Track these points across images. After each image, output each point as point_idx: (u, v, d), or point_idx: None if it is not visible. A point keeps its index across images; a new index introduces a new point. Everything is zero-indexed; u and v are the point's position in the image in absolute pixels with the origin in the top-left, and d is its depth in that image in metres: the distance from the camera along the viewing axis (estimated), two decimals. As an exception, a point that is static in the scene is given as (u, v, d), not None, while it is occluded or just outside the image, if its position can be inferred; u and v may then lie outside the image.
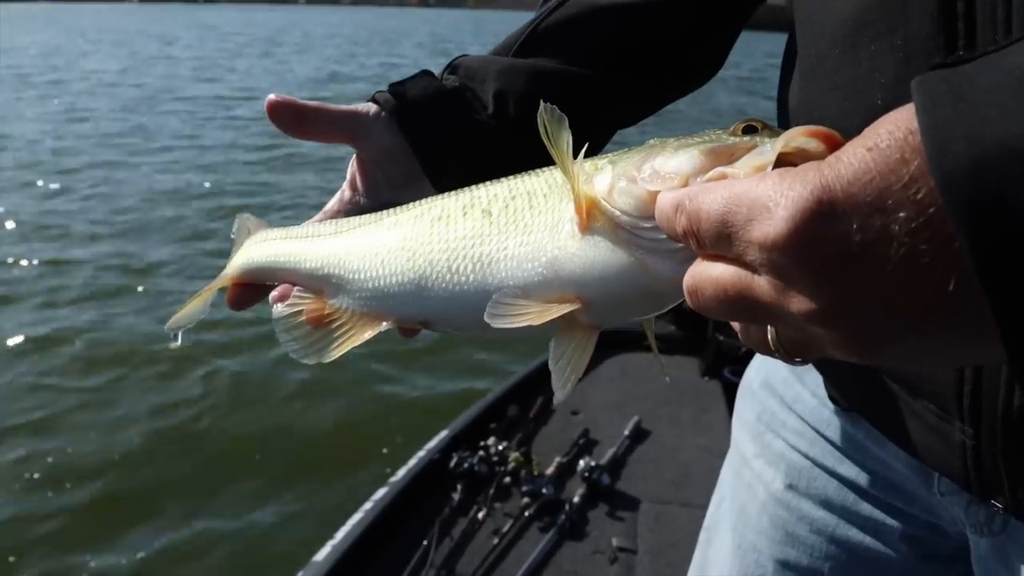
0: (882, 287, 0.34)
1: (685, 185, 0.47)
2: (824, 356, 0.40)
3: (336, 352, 0.65)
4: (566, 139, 0.54)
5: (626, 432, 3.21)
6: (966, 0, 0.51)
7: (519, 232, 0.57)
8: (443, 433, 3.10)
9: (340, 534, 2.54)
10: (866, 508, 0.89)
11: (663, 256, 0.50)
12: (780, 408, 0.99)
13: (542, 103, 0.54)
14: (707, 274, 0.42)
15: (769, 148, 0.43)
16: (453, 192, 0.65)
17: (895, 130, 0.34)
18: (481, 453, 2.95)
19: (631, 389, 3.61)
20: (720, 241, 0.40)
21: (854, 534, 0.91)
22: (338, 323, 0.67)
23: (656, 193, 0.48)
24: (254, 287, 0.78)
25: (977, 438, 0.63)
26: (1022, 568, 0.70)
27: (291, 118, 0.76)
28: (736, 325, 0.47)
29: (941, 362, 0.37)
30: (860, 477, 0.89)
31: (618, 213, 0.51)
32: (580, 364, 0.55)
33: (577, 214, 0.54)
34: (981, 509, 0.74)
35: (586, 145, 0.55)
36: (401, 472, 2.87)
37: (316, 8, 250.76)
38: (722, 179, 0.44)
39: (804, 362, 0.45)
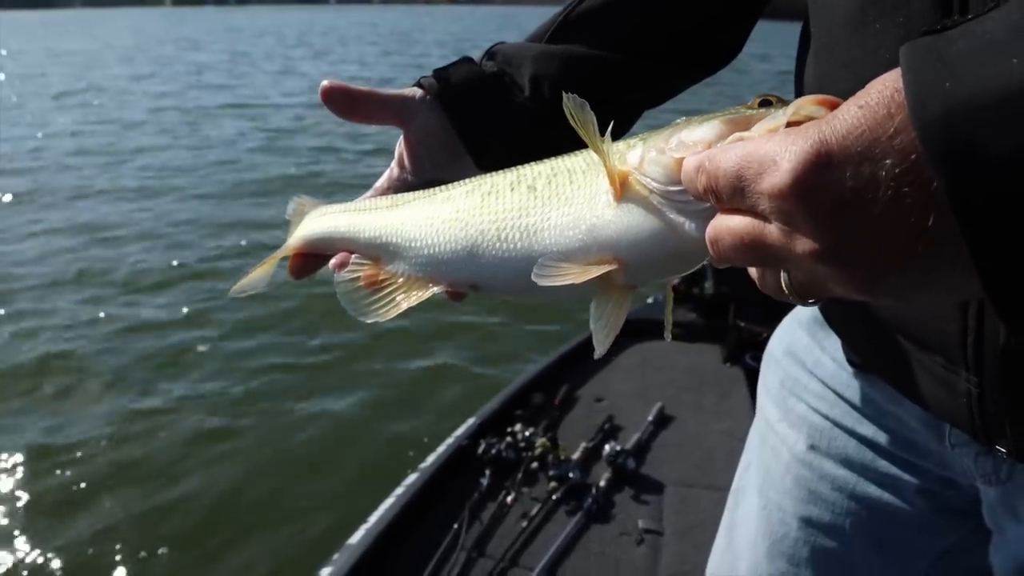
0: (873, 226, 0.39)
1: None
2: (831, 295, 0.45)
3: (392, 312, 0.72)
4: (592, 121, 0.59)
5: (650, 418, 3.26)
6: None
7: (561, 204, 0.63)
8: (471, 420, 3.16)
9: (373, 518, 2.61)
10: (883, 465, 0.94)
11: (690, 216, 0.55)
12: (802, 373, 1.04)
13: (564, 93, 0.59)
14: (725, 225, 0.47)
15: (781, 115, 0.49)
16: (500, 171, 0.70)
17: (883, 89, 0.39)
18: (508, 439, 3.01)
19: (654, 376, 3.65)
20: (735, 194, 0.45)
21: (872, 490, 0.95)
22: (394, 287, 0.73)
23: (682, 160, 0.54)
24: (314, 256, 0.84)
25: (981, 386, 0.68)
26: None
27: (344, 102, 0.82)
28: (753, 273, 0.52)
29: (931, 296, 0.42)
30: (877, 435, 0.94)
31: (649, 180, 0.57)
32: (617, 322, 0.61)
33: (612, 186, 0.59)
34: (989, 459, 0.79)
35: (611, 124, 0.60)
36: (430, 458, 2.94)
37: (347, 8, 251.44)
38: (742, 140, 0.50)
39: (815, 302, 0.50)
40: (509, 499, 2.77)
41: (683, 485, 2.89)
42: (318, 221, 0.84)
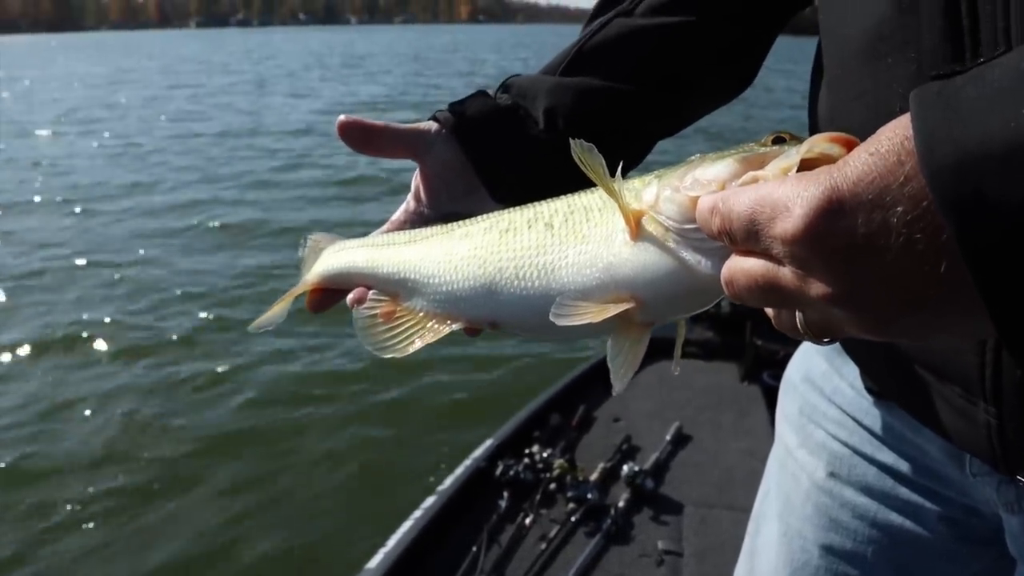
0: (885, 272, 0.40)
1: (722, 190, 0.53)
2: (846, 335, 0.46)
3: (410, 349, 0.72)
4: (601, 163, 0.60)
5: (668, 437, 3.25)
6: (971, 17, 0.56)
7: (578, 242, 0.64)
8: (488, 442, 3.17)
9: (392, 541, 2.61)
10: (904, 492, 0.94)
11: (705, 254, 0.56)
12: (821, 400, 1.03)
13: (571, 139, 0.60)
14: (740, 267, 0.48)
15: (794, 153, 0.49)
16: (518, 207, 0.71)
17: (894, 136, 0.40)
18: (526, 460, 3.00)
19: (671, 396, 3.64)
20: (749, 237, 0.46)
21: (894, 518, 0.95)
22: (412, 323, 0.74)
23: (697, 198, 0.54)
24: (332, 292, 0.85)
25: (1000, 417, 0.68)
26: None
27: (360, 137, 0.83)
28: (769, 311, 0.53)
29: (946, 337, 0.42)
30: (898, 463, 0.94)
31: (665, 218, 0.57)
32: (635, 359, 0.61)
33: (627, 225, 0.60)
34: (1011, 488, 0.78)
35: (620, 163, 0.61)
36: (448, 480, 2.94)
37: (369, 27, 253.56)
38: (753, 182, 0.50)
39: (831, 342, 0.50)
40: (527, 521, 2.76)
41: (703, 505, 2.87)
42: (336, 256, 0.85)
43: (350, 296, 0.81)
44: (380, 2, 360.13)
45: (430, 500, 2.81)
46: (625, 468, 2.97)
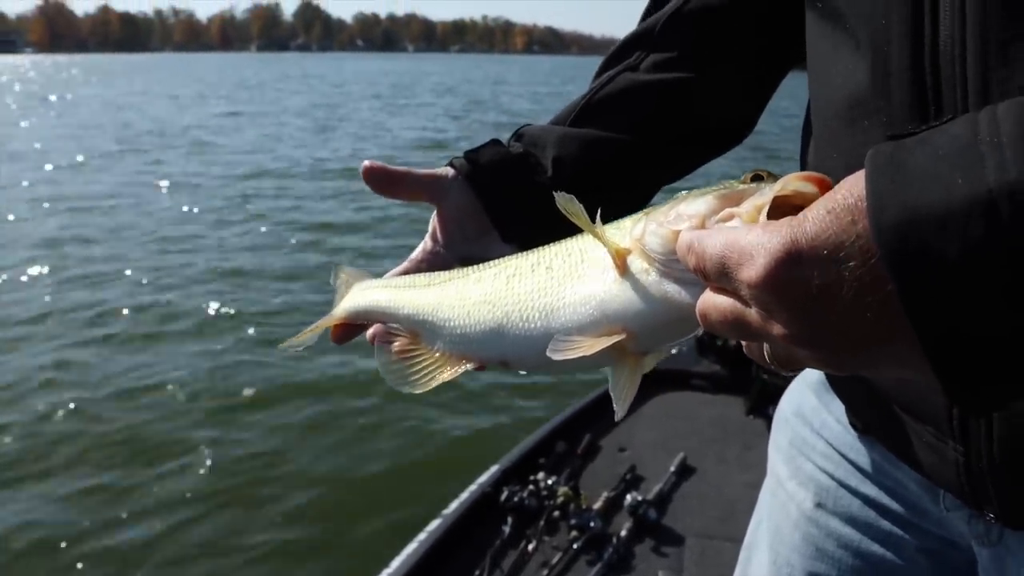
0: (838, 319, 0.45)
1: (702, 225, 0.58)
2: (807, 367, 0.51)
3: (431, 385, 0.78)
4: (581, 210, 0.65)
5: (672, 468, 3.27)
6: (935, 88, 0.62)
7: (574, 282, 0.69)
8: (494, 468, 3.21)
9: (396, 562, 2.65)
10: (886, 524, 0.98)
11: (685, 286, 0.61)
12: (810, 434, 1.08)
13: (555, 192, 0.65)
14: (713, 303, 0.54)
15: (768, 191, 0.54)
16: (525, 252, 0.77)
17: (848, 195, 0.45)
18: (531, 487, 3.04)
19: (676, 427, 3.67)
20: (721, 277, 0.52)
21: (876, 548, 0.99)
22: (432, 362, 0.79)
23: (679, 232, 0.59)
24: (355, 326, 0.91)
25: (967, 455, 0.73)
26: (1017, 573, 0.79)
27: (384, 181, 0.90)
28: (742, 342, 0.58)
29: (897, 374, 0.48)
30: (880, 495, 0.98)
31: (650, 251, 0.62)
32: (633, 387, 0.67)
33: (614, 262, 0.65)
34: (980, 522, 0.83)
35: (599, 209, 0.66)
36: (454, 505, 2.98)
37: (424, 56, 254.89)
38: (730, 218, 0.56)
39: (795, 372, 0.56)
40: (530, 547, 2.79)
41: (704, 537, 2.89)
42: (362, 295, 0.91)
43: (369, 332, 0.88)
44: (437, 31, 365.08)
45: (435, 523, 2.85)
46: (628, 498, 3.00)
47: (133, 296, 7.42)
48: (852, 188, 0.45)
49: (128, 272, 8.16)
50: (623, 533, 2.85)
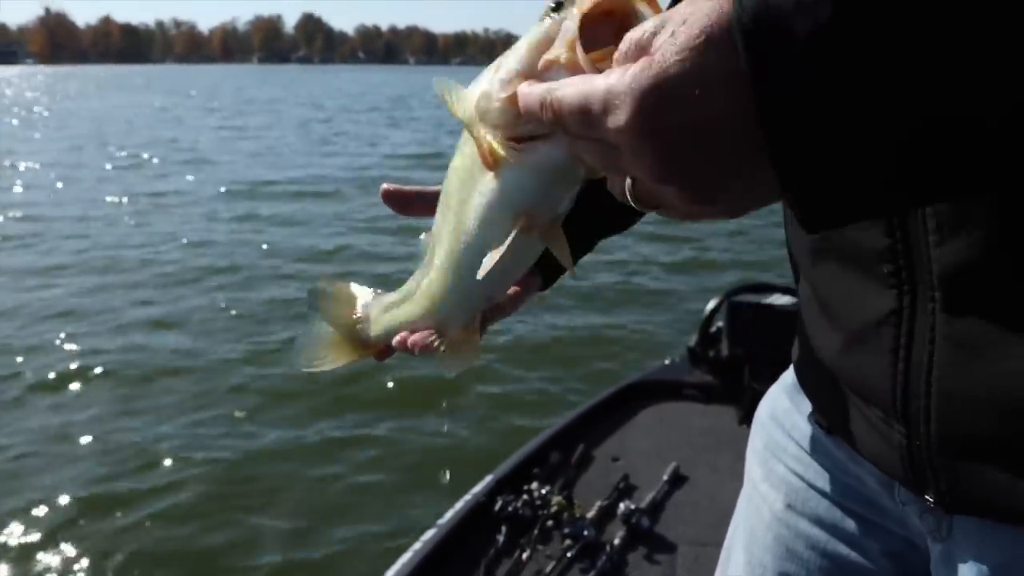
0: (705, 149, 0.47)
1: (527, 79, 0.58)
2: (667, 205, 0.53)
3: (475, 359, 0.84)
4: (456, 99, 0.64)
5: (665, 477, 3.30)
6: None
7: (469, 211, 0.70)
8: (488, 478, 3.23)
9: (390, 573, 2.67)
10: (851, 525, 1.01)
11: (548, 143, 0.59)
12: (782, 436, 1.12)
13: (435, 78, 0.66)
14: (583, 149, 0.55)
15: (570, 24, 0.55)
16: (439, 209, 0.80)
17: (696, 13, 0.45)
18: (525, 497, 3.06)
19: (669, 437, 3.70)
20: (583, 127, 0.53)
21: (842, 549, 1.02)
22: (449, 340, 0.84)
23: (513, 96, 0.58)
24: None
25: (908, 436, 0.77)
26: (962, 568, 0.81)
27: (400, 202, 0.95)
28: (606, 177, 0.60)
29: (768, 200, 0.49)
30: (844, 496, 1.01)
31: (493, 129, 0.61)
32: (564, 246, 0.68)
33: (483, 160, 0.64)
34: (931, 516, 0.86)
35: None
36: (448, 514, 3.00)
37: (426, 68, 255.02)
38: (553, 64, 0.57)
39: (654, 211, 0.57)
40: (524, 556, 2.81)
41: (697, 544, 2.92)
42: (385, 318, 0.93)
43: (396, 339, 0.90)
44: (438, 43, 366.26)
45: (429, 533, 2.88)
46: (622, 506, 3.02)
47: (126, 301, 7.46)
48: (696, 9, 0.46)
49: (122, 278, 8.21)
50: (616, 541, 2.87)
